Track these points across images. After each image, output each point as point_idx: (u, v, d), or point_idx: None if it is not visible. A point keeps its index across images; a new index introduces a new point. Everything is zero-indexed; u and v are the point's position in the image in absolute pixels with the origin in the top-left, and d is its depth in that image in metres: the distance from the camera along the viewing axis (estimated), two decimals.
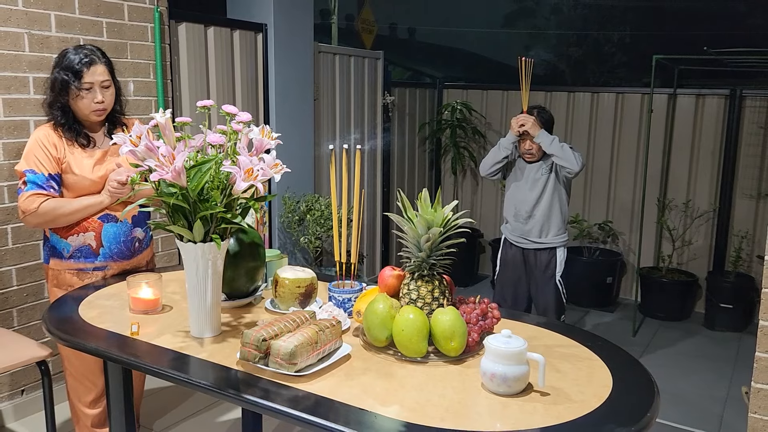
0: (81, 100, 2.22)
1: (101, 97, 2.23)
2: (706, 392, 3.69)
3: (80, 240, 2.27)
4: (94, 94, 2.22)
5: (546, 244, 3.40)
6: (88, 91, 2.21)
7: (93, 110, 2.24)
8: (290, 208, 4.16)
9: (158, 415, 3.10)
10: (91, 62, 2.20)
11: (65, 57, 2.22)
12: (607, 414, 1.36)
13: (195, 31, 3.69)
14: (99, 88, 2.22)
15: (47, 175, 2.20)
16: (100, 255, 2.29)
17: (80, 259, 2.28)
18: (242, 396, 1.44)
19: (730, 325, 4.69)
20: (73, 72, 2.18)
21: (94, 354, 1.77)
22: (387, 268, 1.84)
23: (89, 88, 2.20)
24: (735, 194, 4.93)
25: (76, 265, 2.29)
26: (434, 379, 1.50)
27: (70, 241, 2.27)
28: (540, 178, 3.34)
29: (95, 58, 2.22)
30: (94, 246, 2.28)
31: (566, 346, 1.71)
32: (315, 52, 4.48)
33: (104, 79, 2.24)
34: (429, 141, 6.00)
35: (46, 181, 2.19)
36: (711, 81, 5.67)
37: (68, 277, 2.30)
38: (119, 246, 2.32)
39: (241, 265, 1.93)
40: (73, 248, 2.27)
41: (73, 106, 2.24)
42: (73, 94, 2.20)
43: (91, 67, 2.20)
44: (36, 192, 2.18)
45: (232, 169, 1.58)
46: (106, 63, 2.26)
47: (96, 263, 2.30)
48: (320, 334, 1.54)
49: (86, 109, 2.24)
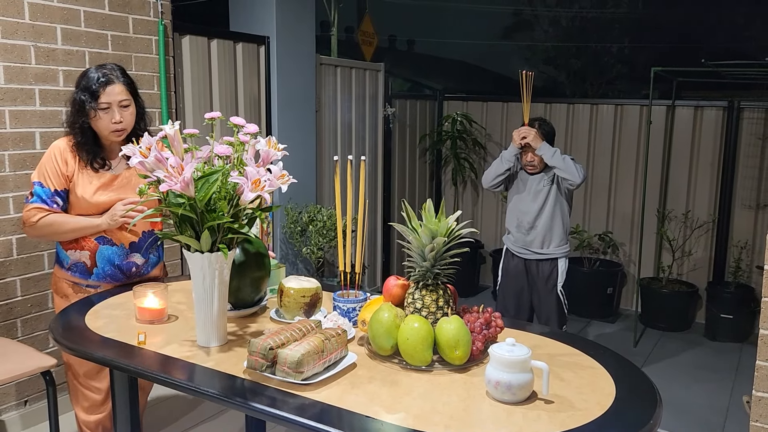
0: (99, 120, 2.20)
1: (119, 117, 2.20)
2: (707, 402, 3.69)
3: (77, 256, 2.27)
4: (112, 114, 2.19)
5: (548, 255, 3.43)
6: (105, 112, 2.18)
7: (111, 130, 2.21)
8: (293, 219, 4.18)
9: (162, 425, 3.10)
10: (108, 82, 2.18)
11: (85, 76, 2.21)
12: (610, 422, 1.37)
13: (198, 44, 3.73)
14: (117, 108, 2.19)
15: (53, 191, 2.20)
16: (93, 274, 2.29)
17: (76, 274, 2.29)
18: (250, 404, 1.45)
19: (730, 335, 4.70)
20: (89, 92, 2.17)
21: (102, 363, 1.79)
22: (391, 277, 1.86)
23: (106, 108, 2.18)
24: (734, 205, 4.96)
25: (72, 278, 2.30)
26: (439, 388, 1.51)
27: (69, 254, 2.29)
28: (542, 190, 3.37)
29: (113, 78, 2.19)
30: (89, 265, 2.28)
31: (569, 355, 1.72)
32: (317, 64, 4.52)
33: (123, 99, 2.20)
34: (429, 152, 6.03)
35: (50, 196, 2.20)
36: (709, 93, 5.71)
37: (65, 286, 2.32)
38: (112, 269, 2.30)
39: (247, 274, 1.95)
40: (71, 262, 2.29)
41: (94, 127, 2.23)
42: (90, 115, 2.19)
43: (108, 87, 2.17)
44: (38, 206, 2.19)
45: (239, 180, 1.60)
46: (125, 82, 2.23)
47: (89, 281, 2.30)
48: (326, 342, 1.56)
49: (105, 130, 2.22)
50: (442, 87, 7.22)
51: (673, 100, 5.05)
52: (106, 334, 1.85)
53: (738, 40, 10.80)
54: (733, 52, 4.97)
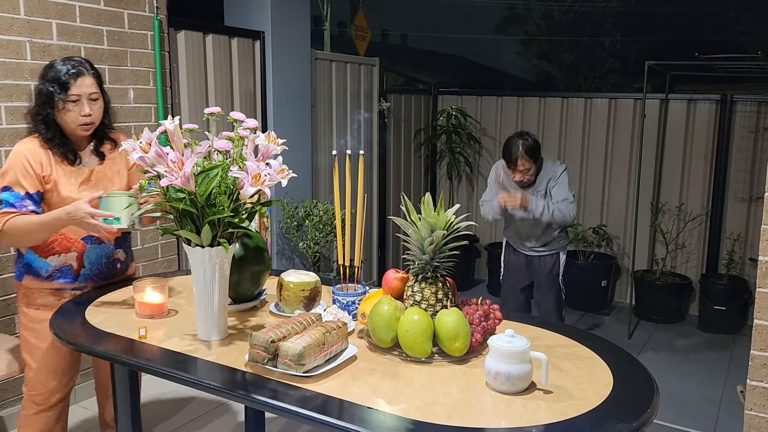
0: (67, 113, 2.08)
1: (88, 110, 2.09)
2: (701, 393, 3.73)
3: (61, 260, 2.17)
4: (81, 107, 2.08)
5: (549, 251, 3.52)
6: (74, 104, 2.08)
7: (80, 124, 2.10)
8: (289, 214, 4.19)
9: (159, 421, 3.11)
10: (78, 74, 2.07)
11: (52, 68, 2.09)
12: (608, 411, 1.39)
13: (194, 39, 3.73)
14: (86, 101, 2.09)
15: (24, 194, 2.05)
16: (80, 276, 2.20)
17: (59, 279, 2.18)
18: (252, 397, 1.47)
19: (723, 327, 4.74)
20: (59, 84, 2.05)
21: (103, 357, 1.80)
22: (391, 270, 1.88)
23: (76, 100, 2.07)
24: (727, 197, 5.00)
25: (55, 285, 2.18)
26: (439, 379, 1.53)
27: (50, 260, 2.16)
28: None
29: (83, 70, 2.09)
30: (76, 267, 2.19)
31: (567, 346, 1.75)
32: (312, 59, 4.52)
33: (92, 92, 2.10)
34: (424, 147, 6.04)
35: (20, 200, 2.05)
36: (702, 86, 5.74)
37: (44, 296, 2.19)
38: (101, 267, 2.24)
39: (246, 269, 1.96)
40: (53, 268, 2.17)
41: (59, 120, 2.10)
42: (58, 107, 2.07)
43: (78, 79, 2.07)
44: (6, 210, 2.03)
45: (239, 174, 1.61)
46: (94, 75, 2.13)
47: (75, 284, 2.21)
48: (327, 335, 1.58)
49: (73, 123, 2.10)
50: (436, 81, 7.24)
51: (667, 94, 5.08)
52: (107, 329, 1.86)
53: (730, 34, 10.85)
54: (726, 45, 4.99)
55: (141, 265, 3.50)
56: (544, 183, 3.35)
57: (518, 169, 3.27)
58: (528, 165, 3.26)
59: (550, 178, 3.35)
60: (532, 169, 3.29)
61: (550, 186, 3.34)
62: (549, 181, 3.35)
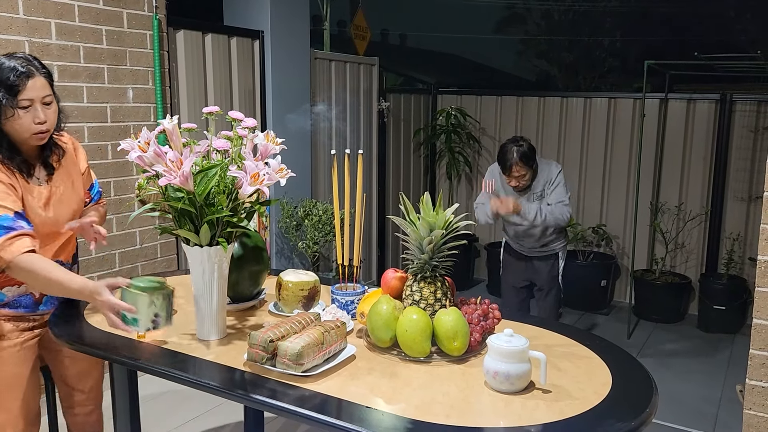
0: (17, 120, 1.78)
1: (43, 116, 1.80)
2: (700, 393, 3.73)
3: (21, 290, 1.94)
4: (35, 112, 1.79)
5: (548, 252, 3.52)
6: (26, 110, 1.78)
7: (34, 132, 1.81)
8: (288, 213, 4.19)
9: (157, 421, 3.11)
10: (29, 74, 1.77)
11: None
12: (607, 410, 1.39)
13: (193, 38, 3.72)
14: (40, 105, 1.80)
15: (13, 215, 1.75)
16: (42, 304, 1.99)
17: (19, 309, 1.96)
18: (251, 396, 1.47)
19: (723, 326, 4.74)
20: (6, 87, 1.75)
21: (102, 357, 1.80)
22: (390, 270, 1.88)
23: (27, 106, 1.78)
24: (726, 197, 5.00)
25: (12, 313, 1.95)
26: (438, 378, 1.53)
27: (6, 291, 1.92)
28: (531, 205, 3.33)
29: (33, 69, 1.79)
30: (37, 296, 1.98)
31: (566, 346, 1.74)
32: (311, 58, 4.52)
33: (46, 94, 1.81)
34: (424, 146, 6.04)
35: (13, 221, 1.74)
36: (701, 86, 5.75)
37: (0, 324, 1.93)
38: None
39: (245, 268, 1.96)
40: (9, 298, 1.93)
41: (6, 129, 1.80)
42: (6, 114, 1.76)
43: (29, 81, 1.77)
44: (6, 237, 1.71)
45: (238, 174, 1.61)
46: (46, 74, 1.84)
47: (37, 312, 1.99)
48: (326, 335, 1.57)
49: (25, 132, 1.80)
50: (435, 81, 7.24)
51: (666, 94, 5.08)
52: (106, 328, 1.85)
53: (730, 33, 10.85)
54: (725, 45, 5.00)
55: (140, 265, 3.50)
56: (540, 185, 3.32)
57: (513, 175, 3.25)
58: (523, 171, 3.24)
59: (546, 181, 3.32)
60: (527, 174, 3.26)
61: (547, 189, 3.32)
62: (545, 183, 3.32)
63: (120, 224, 3.37)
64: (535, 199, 3.32)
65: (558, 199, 3.27)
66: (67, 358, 2.13)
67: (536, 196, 3.33)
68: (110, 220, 3.32)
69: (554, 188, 3.30)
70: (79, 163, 2.07)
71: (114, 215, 3.34)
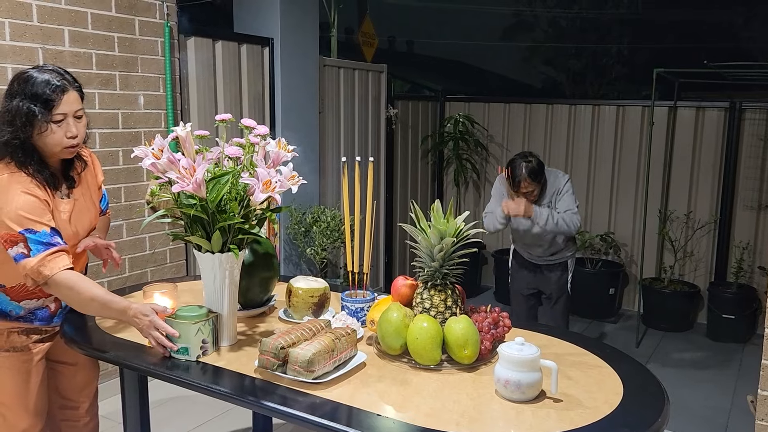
0: (50, 135, 1.77)
1: (75, 131, 1.80)
2: (710, 402, 3.71)
3: (39, 303, 1.94)
4: (67, 127, 1.79)
5: (557, 260, 3.50)
6: (59, 125, 1.77)
7: (65, 146, 1.80)
8: (296, 220, 4.20)
9: (167, 426, 3.12)
10: (63, 89, 1.77)
11: (29, 82, 1.75)
12: (619, 420, 1.39)
13: (204, 45, 3.75)
14: (72, 120, 1.80)
15: (50, 231, 1.75)
16: (57, 316, 2.00)
17: (34, 321, 1.96)
18: (261, 403, 1.47)
19: (732, 335, 4.71)
20: (42, 102, 1.74)
21: (113, 362, 1.81)
22: (400, 277, 1.88)
23: (60, 120, 1.77)
24: (736, 205, 4.97)
25: (26, 326, 1.95)
26: (448, 386, 1.53)
27: (24, 304, 1.92)
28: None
29: (66, 84, 1.79)
30: (53, 309, 1.98)
31: (576, 354, 1.74)
32: (320, 65, 4.54)
33: (77, 109, 1.81)
34: (432, 153, 6.05)
35: (51, 237, 1.74)
36: (711, 93, 5.73)
37: (12, 337, 1.93)
38: None
39: (256, 275, 1.96)
40: (26, 311, 1.93)
41: (38, 143, 1.78)
42: (41, 129, 1.75)
43: (64, 95, 1.77)
44: (47, 253, 1.71)
45: (250, 181, 1.62)
46: (78, 88, 1.84)
47: (51, 326, 2.00)
48: (336, 342, 1.58)
49: (56, 146, 1.79)
50: (443, 88, 7.25)
51: (675, 101, 5.07)
52: (117, 334, 1.87)
53: (739, 41, 10.83)
54: (734, 53, 5.00)
55: (149, 270, 3.52)
56: (548, 196, 3.30)
57: (521, 191, 3.22)
58: (531, 187, 3.22)
59: (554, 191, 3.30)
60: (535, 190, 3.24)
61: (555, 199, 3.30)
62: (553, 193, 3.30)
63: (130, 230, 3.39)
64: (545, 206, 3.30)
65: (566, 208, 3.25)
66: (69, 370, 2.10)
67: (544, 206, 3.30)
68: (120, 225, 3.33)
69: (563, 197, 3.28)
70: (97, 175, 2.09)
71: (124, 221, 3.36)
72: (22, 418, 1.96)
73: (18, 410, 1.95)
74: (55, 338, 2.01)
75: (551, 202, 3.29)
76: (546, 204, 3.30)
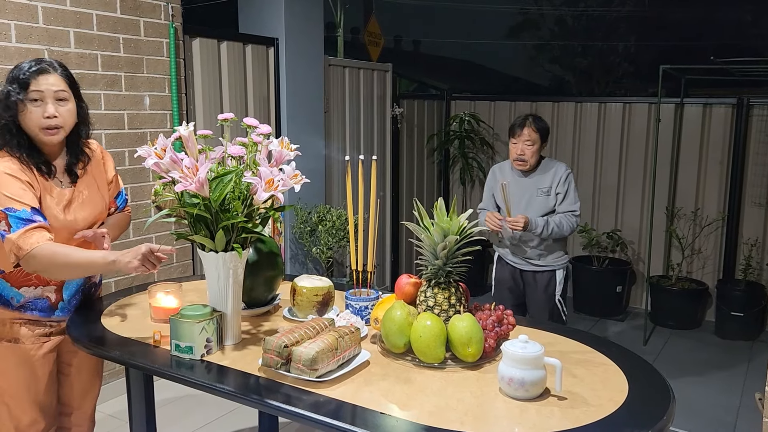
0: (27, 114, 1.80)
1: (53, 111, 1.81)
2: (718, 401, 3.69)
3: (37, 292, 1.92)
4: (44, 106, 1.81)
5: (544, 267, 3.19)
6: (35, 104, 1.80)
7: (43, 126, 1.81)
8: (302, 219, 4.21)
9: (172, 425, 3.13)
10: (41, 71, 1.81)
11: (15, 68, 1.84)
12: (624, 418, 1.38)
13: (208, 46, 3.76)
14: (51, 100, 1.81)
15: (30, 210, 1.77)
16: (58, 309, 1.97)
17: (34, 312, 1.94)
18: (265, 401, 1.47)
19: (741, 333, 4.68)
20: (18, 82, 1.79)
21: (119, 362, 1.81)
22: (404, 275, 1.88)
23: (36, 99, 1.80)
24: (744, 202, 4.94)
25: (28, 316, 1.93)
26: (452, 384, 1.52)
27: (23, 291, 1.91)
28: (536, 199, 3.12)
29: (47, 68, 1.83)
30: (53, 300, 1.95)
31: (581, 352, 1.73)
32: (325, 65, 4.54)
33: (58, 89, 1.82)
34: (437, 152, 6.04)
35: (30, 215, 1.77)
36: (718, 90, 5.69)
37: (14, 327, 1.92)
38: (79, 296, 2.03)
39: (260, 274, 1.97)
40: (26, 299, 1.92)
41: (23, 125, 1.82)
42: (19, 108, 1.79)
43: (41, 76, 1.80)
44: (26, 228, 1.74)
45: (253, 180, 1.62)
46: (63, 74, 1.86)
47: (53, 318, 1.97)
48: (340, 340, 1.58)
49: (35, 126, 1.81)
50: (448, 87, 7.25)
51: (682, 98, 5.04)
52: (123, 333, 1.87)
53: (746, 37, 10.76)
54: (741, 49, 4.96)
55: (155, 271, 3.53)
56: (548, 180, 3.10)
57: (521, 139, 3.04)
58: (533, 137, 3.04)
59: (554, 178, 3.10)
60: (535, 146, 3.04)
61: (556, 188, 3.09)
62: (553, 180, 3.09)
63: (136, 230, 3.40)
64: (541, 195, 3.09)
65: (569, 209, 3.08)
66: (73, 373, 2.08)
67: (543, 192, 3.10)
68: None
69: (566, 193, 3.09)
70: (107, 171, 2.09)
71: (131, 221, 3.36)
72: (25, 411, 1.95)
73: (22, 402, 1.94)
74: (62, 336, 1.99)
75: (551, 188, 3.10)
76: (545, 189, 3.10)
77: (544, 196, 3.12)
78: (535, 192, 3.13)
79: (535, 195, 3.13)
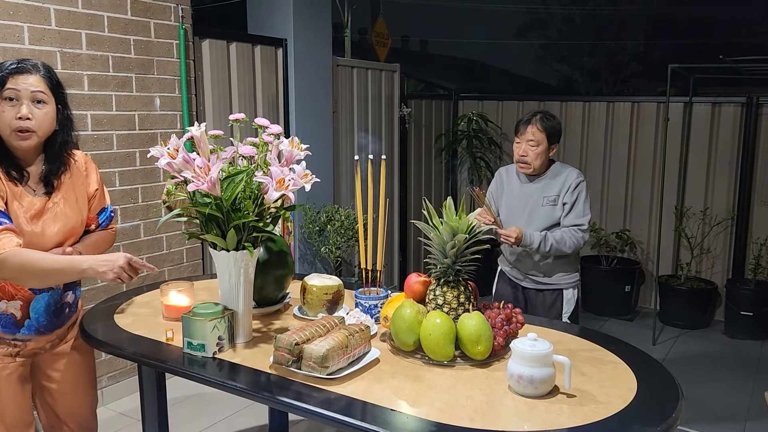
0: (0, 113, 1.71)
1: (26, 112, 1.70)
2: (728, 400, 3.68)
3: (1, 307, 1.80)
4: (19, 107, 1.71)
5: (550, 286, 2.78)
6: (9, 103, 1.70)
7: (14, 128, 1.70)
8: (311, 219, 4.23)
9: (184, 422, 3.15)
10: (20, 70, 1.72)
11: None
12: (632, 415, 1.39)
13: (218, 47, 3.79)
14: (27, 101, 1.71)
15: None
16: (24, 327, 1.83)
17: None
18: (277, 398, 1.49)
19: (750, 332, 4.66)
20: None
21: (132, 359, 1.83)
22: (413, 274, 1.89)
23: (11, 98, 1.70)
24: (753, 201, 4.92)
25: None
26: (462, 382, 1.54)
27: None
28: (540, 208, 2.74)
29: (29, 68, 1.73)
30: (19, 317, 1.81)
31: (590, 350, 1.74)
32: (333, 65, 4.56)
33: (36, 90, 1.72)
34: (445, 152, 6.05)
35: None
36: (727, 89, 5.67)
37: None
38: (48, 317, 1.87)
39: (270, 273, 1.99)
40: None
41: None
42: None
43: (19, 75, 1.71)
44: None
45: (264, 179, 1.64)
46: (45, 76, 1.76)
47: (17, 335, 1.83)
48: (350, 338, 1.59)
49: (6, 127, 1.71)
50: (456, 87, 7.25)
51: (691, 97, 5.02)
52: (135, 331, 1.90)
53: (755, 36, 10.69)
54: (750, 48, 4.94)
55: (166, 270, 3.56)
56: (556, 188, 2.71)
57: (525, 138, 2.68)
58: (538, 137, 2.65)
59: (563, 186, 2.70)
60: (540, 146, 2.66)
61: (564, 197, 2.69)
62: (561, 188, 2.70)
63: (147, 230, 3.43)
64: (547, 204, 2.70)
65: (575, 222, 2.66)
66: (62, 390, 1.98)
67: (549, 201, 2.71)
68: (137, 225, 3.38)
69: (574, 203, 2.67)
70: (89, 184, 1.96)
71: (141, 221, 3.40)
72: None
73: None
74: (31, 358, 1.90)
75: (558, 197, 2.70)
76: (551, 197, 2.70)
77: (550, 205, 2.71)
78: (540, 200, 2.73)
79: (540, 204, 2.73)
